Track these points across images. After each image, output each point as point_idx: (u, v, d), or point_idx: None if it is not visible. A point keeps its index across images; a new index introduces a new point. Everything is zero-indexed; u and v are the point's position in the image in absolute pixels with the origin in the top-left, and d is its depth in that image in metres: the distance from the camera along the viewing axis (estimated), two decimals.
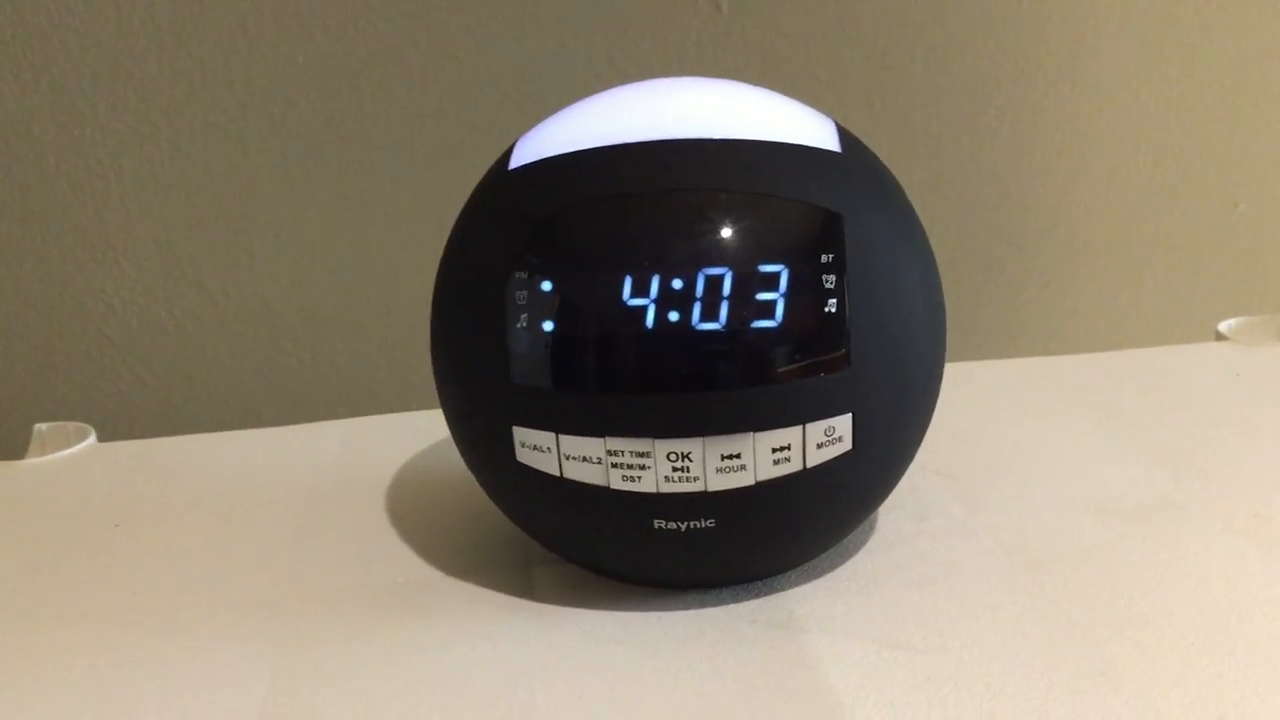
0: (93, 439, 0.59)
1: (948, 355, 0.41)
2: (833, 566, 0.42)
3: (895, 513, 0.46)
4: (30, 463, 0.57)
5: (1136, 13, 0.71)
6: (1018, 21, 0.71)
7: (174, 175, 0.67)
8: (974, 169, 0.73)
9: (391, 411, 0.61)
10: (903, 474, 0.41)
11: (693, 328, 0.35)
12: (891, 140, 0.72)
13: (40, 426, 0.59)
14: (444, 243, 0.41)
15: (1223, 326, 0.64)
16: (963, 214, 0.74)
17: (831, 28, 0.69)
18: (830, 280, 0.36)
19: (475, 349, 0.38)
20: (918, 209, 0.41)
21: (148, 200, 0.68)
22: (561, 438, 0.36)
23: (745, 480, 0.36)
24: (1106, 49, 0.72)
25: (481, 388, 0.38)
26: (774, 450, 0.36)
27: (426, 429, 0.57)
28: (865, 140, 0.41)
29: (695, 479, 0.36)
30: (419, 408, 0.61)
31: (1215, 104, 0.74)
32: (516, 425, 0.37)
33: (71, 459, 0.57)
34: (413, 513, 0.49)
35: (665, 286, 0.35)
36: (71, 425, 0.59)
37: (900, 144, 0.72)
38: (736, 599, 0.40)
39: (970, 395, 0.57)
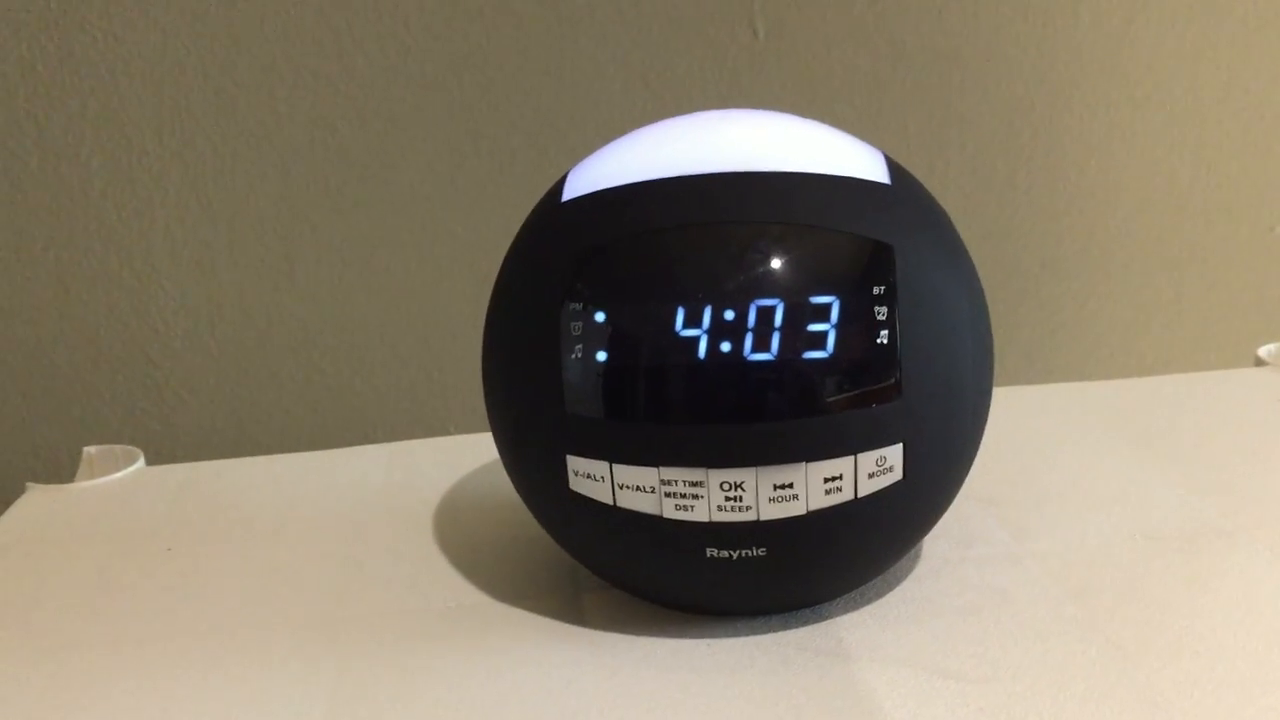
0: (141, 462, 0.59)
1: None
2: (880, 594, 0.42)
3: (941, 540, 0.46)
4: (80, 486, 0.58)
5: (1172, 36, 0.72)
6: (1054, 46, 0.71)
7: (218, 201, 0.68)
8: (1010, 193, 0.74)
9: (436, 435, 0.62)
10: (951, 502, 0.41)
11: (745, 358, 0.36)
12: (928, 164, 0.72)
13: (89, 450, 0.60)
14: (488, 266, 0.42)
15: (1262, 351, 0.64)
16: (1000, 238, 0.75)
17: (865, 52, 0.70)
18: (881, 311, 0.36)
19: (529, 378, 0.38)
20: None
21: (192, 225, 0.69)
22: (615, 467, 0.37)
23: (797, 510, 0.37)
24: (1142, 74, 0.72)
25: (535, 417, 0.38)
26: (826, 480, 0.36)
27: (472, 452, 0.58)
28: (903, 164, 0.42)
29: (748, 508, 0.36)
30: (463, 431, 0.62)
31: (1251, 126, 0.74)
32: (570, 454, 0.38)
33: (121, 482, 0.58)
34: (460, 537, 0.49)
35: (718, 317, 0.36)
36: (120, 449, 0.60)
37: (937, 169, 0.72)
38: (786, 626, 0.40)
39: (1011, 421, 0.57)
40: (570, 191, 0.40)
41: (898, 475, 0.37)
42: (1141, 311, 0.77)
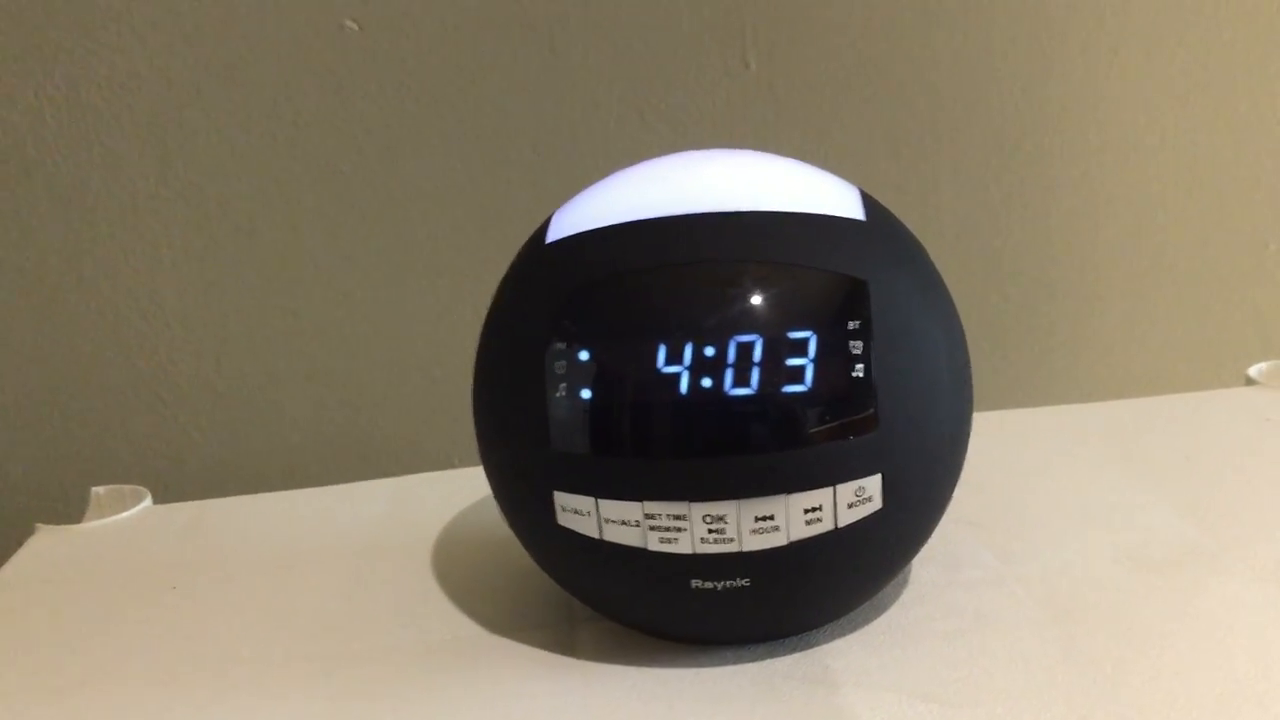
0: (148, 501, 0.60)
1: (976, 404, 0.42)
2: (867, 620, 0.43)
3: (928, 564, 0.47)
4: (88, 526, 0.59)
5: (1162, 56, 0.72)
6: (1043, 70, 0.72)
7: (222, 240, 0.70)
8: (1003, 214, 0.75)
9: (437, 469, 0.63)
10: (932, 530, 0.42)
11: (725, 393, 0.36)
12: (919, 190, 0.73)
13: (97, 490, 0.61)
14: (485, 302, 0.43)
15: (1253, 371, 0.65)
16: (990, 261, 0.75)
17: (856, 82, 0.71)
18: (857, 346, 0.37)
19: (516, 416, 0.39)
20: (946, 255, 0.42)
21: (197, 265, 0.70)
22: (601, 502, 0.38)
23: (779, 540, 0.37)
24: (1132, 94, 0.73)
25: (523, 454, 0.39)
26: (806, 511, 0.37)
27: (471, 486, 0.58)
28: (891, 190, 0.43)
29: (730, 540, 0.37)
30: (463, 464, 0.63)
31: (1243, 146, 0.75)
32: (557, 490, 0.39)
33: (128, 521, 0.59)
34: (458, 570, 0.50)
35: (698, 354, 0.37)
36: (128, 488, 0.61)
37: (929, 193, 0.73)
38: (773, 654, 0.41)
39: (999, 443, 0.58)
40: (554, 233, 0.41)
41: (877, 505, 0.38)
42: (1133, 332, 0.78)
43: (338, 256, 0.71)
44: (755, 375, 0.36)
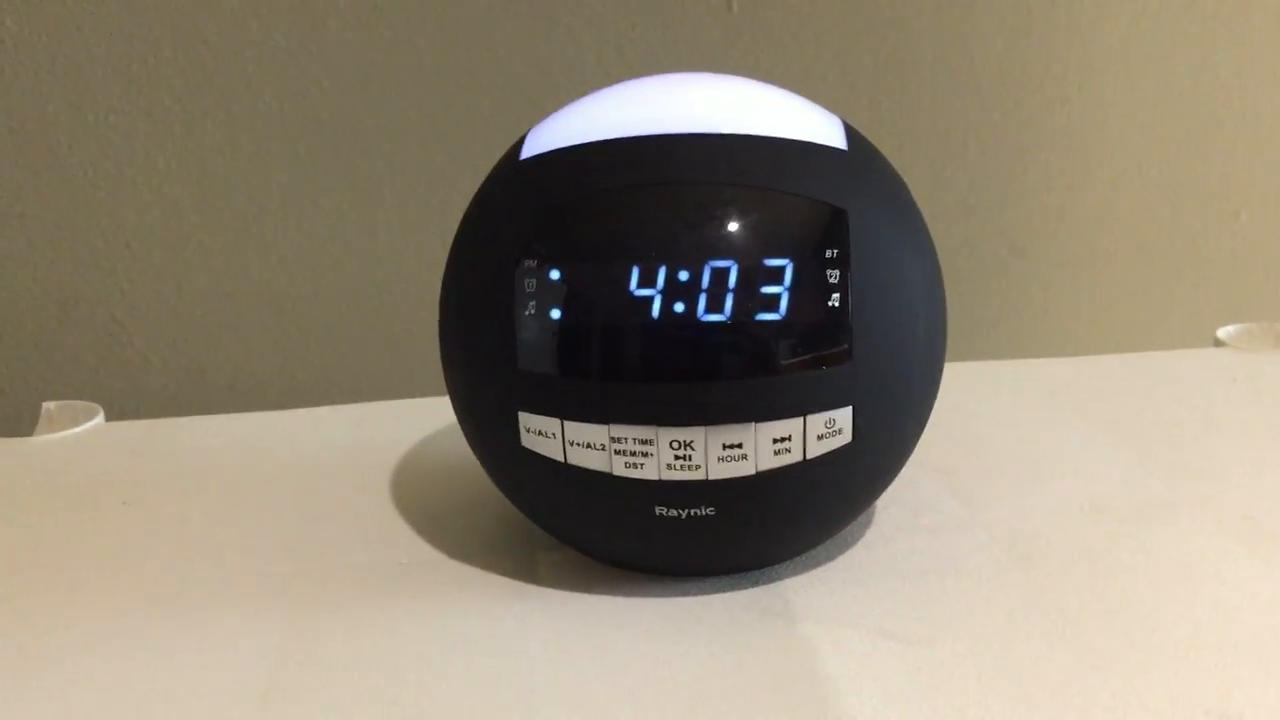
0: (100, 418, 0.59)
1: (948, 355, 0.42)
2: (830, 558, 0.43)
3: (893, 507, 0.46)
4: (39, 439, 0.58)
5: (1144, 21, 0.72)
6: (1025, 28, 0.71)
7: (184, 161, 0.68)
8: (979, 172, 0.74)
9: (397, 398, 0.62)
10: (901, 468, 0.42)
11: (698, 319, 0.36)
12: (897, 141, 0.73)
13: (49, 405, 0.60)
14: (449, 230, 0.42)
15: (1221, 333, 0.65)
16: (965, 216, 0.75)
17: (839, 29, 0.70)
18: (834, 275, 0.36)
19: (483, 335, 0.38)
20: (921, 210, 0.41)
21: (158, 186, 0.68)
22: (566, 424, 0.37)
23: (746, 470, 0.37)
24: (1112, 57, 0.73)
25: (488, 373, 0.38)
26: (775, 441, 0.37)
27: (431, 415, 0.58)
28: (870, 139, 0.42)
29: (697, 467, 0.37)
30: (424, 395, 0.62)
31: (1219, 113, 0.75)
32: (522, 411, 0.38)
33: (80, 437, 0.58)
34: (417, 497, 0.50)
35: (671, 278, 0.36)
36: (80, 404, 0.60)
37: (906, 145, 0.73)
38: (735, 587, 0.41)
39: (970, 395, 0.58)
40: (529, 150, 0.40)
41: (847, 438, 0.37)
42: (1106, 291, 0.78)
43: (301, 179, 0.69)
44: (729, 301, 0.36)
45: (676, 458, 0.37)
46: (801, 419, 0.37)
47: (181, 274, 0.70)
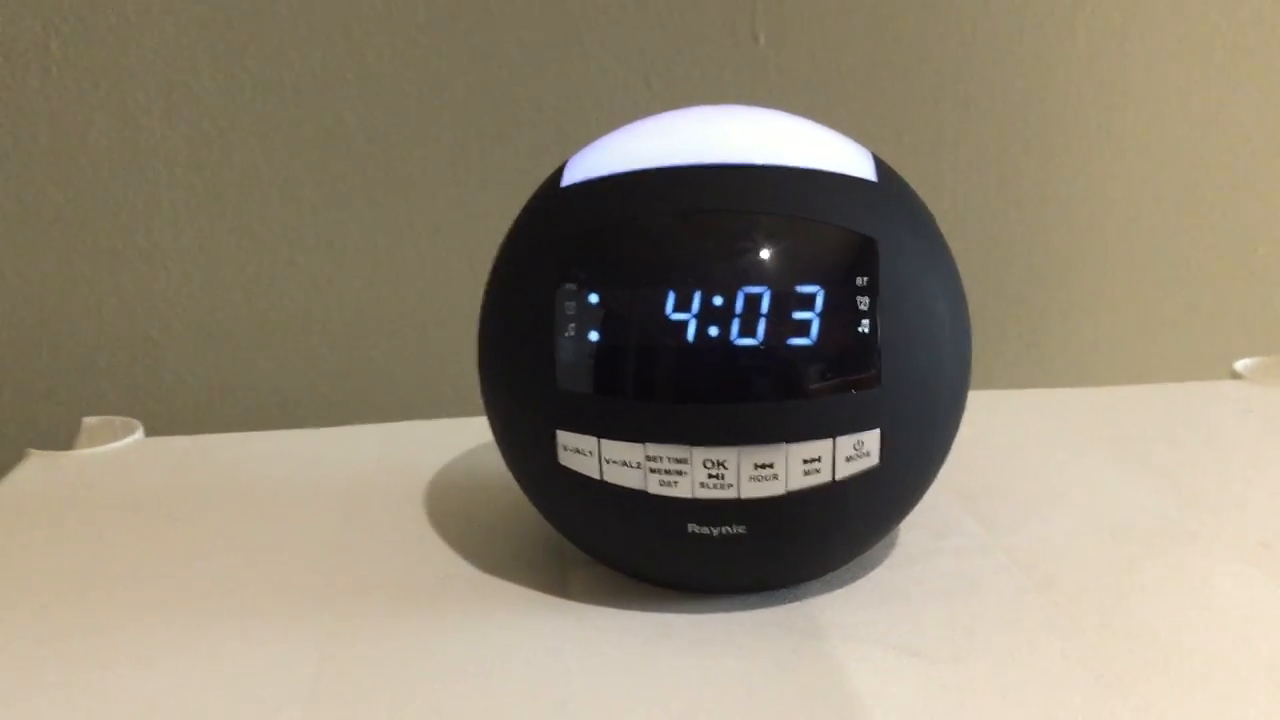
0: (140, 433, 0.61)
1: (971, 384, 0.43)
2: (855, 578, 0.44)
3: (916, 530, 0.47)
4: (79, 454, 0.59)
5: (1164, 56, 0.73)
6: (1048, 62, 0.73)
7: (221, 183, 0.70)
8: (1000, 202, 0.75)
9: (426, 418, 0.63)
10: (925, 490, 0.43)
11: (731, 343, 0.37)
12: (920, 171, 0.74)
13: (89, 420, 0.61)
14: (483, 254, 0.43)
15: (1238, 365, 0.66)
16: (988, 247, 0.76)
17: (863, 61, 0.72)
18: (864, 302, 0.37)
19: (524, 355, 0.40)
20: (945, 236, 0.43)
21: (195, 206, 0.70)
22: (603, 442, 0.38)
23: (776, 489, 0.38)
24: (1133, 93, 0.74)
25: (528, 392, 0.40)
26: (805, 461, 0.38)
27: (462, 435, 0.59)
28: (894, 168, 0.43)
29: (729, 486, 0.38)
30: (452, 415, 0.63)
31: (1239, 148, 0.76)
32: (560, 429, 0.39)
33: (119, 451, 0.59)
34: (449, 514, 0.51)
35: (706, 302, 0.37)
36: (119, 420, 0.61)
37: (929, 175, 0.74)
38: (764, 605, 0.42)
39: (991, 422, 0.59)
40: (569, 178, 0.41)
41: (874, 460, 0.38)
42: (1125, 323, 0.79)
43: (336, 202, 0.71)
44: (762, 326, 0.37)
45: (710, 476, 0.38)
46: (831, 441, 0.38)
47: (215, 294, 0.72)
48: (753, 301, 0.37)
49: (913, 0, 0.71)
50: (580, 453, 0.39)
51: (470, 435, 0.59)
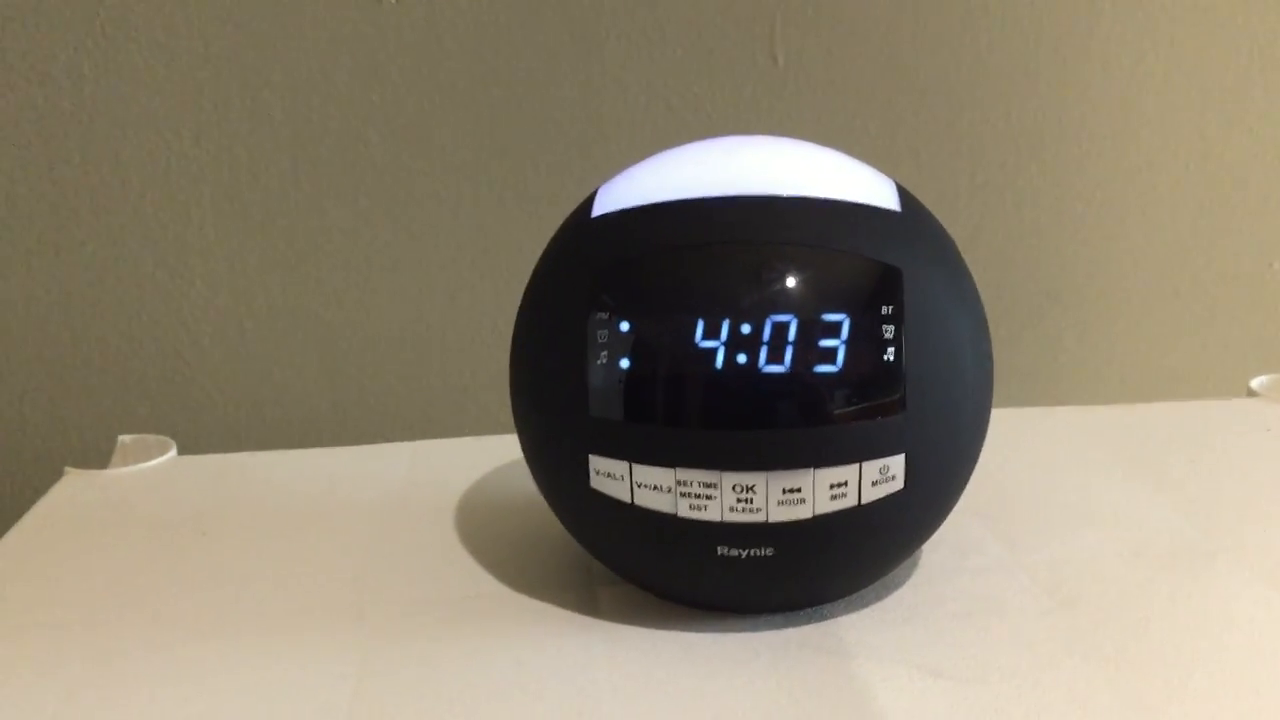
0: (174, 452, 0.62)
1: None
2: (879, 598, 0.45)
3: (939, 550, 0.48)
4: (114, 472, 0.60)
5: (1179, 74, 0.74)
6: (1062, 80, 0.73)
7: (251, 204, 0.71)
8: (1016, 221, 0.76)
9: (454, 435, 0.64)
10: (949, 512, 0.44)
11: (759, 370, 0.38)
12: (937, 189, 0.75)
13: (124, 438, 0.62)
14: (509, 276, 0.44)
15: (1255, 383, 0.67)
16: (1006, 267, 0.77)
17: (880, 82, 0.72)
18: (889, 330, 0.38)
19: (556, 382, 0.41)
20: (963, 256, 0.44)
21: (225, 227, 0.71)
22: (634, 467, 0.39)
23: (804, 513, 0.39)
24: (1147, 110, 0.75)
25: (561, 418, 0.41)
26: (832, 486, 0.39)
27: (491, 453, 0.60)
28: (910, 188, 0.44)
29: (758, 510, 0.39)
30: (479, 433, 0.64)
31: (1253, 165, 0.77)
32: (592, 454, 0.40)
33: (155, 470, 0.60)
34: (478, 532, 0.52)
35: (735, 330, 0.38)
36: (153, 438, 0.62)
37: (945, 193, 0.75)
38: (790, 624, 0.43)
39: (1010, 441, 0.59)
40: (599, 208, 0.42)
41: (900, 484, 0.39)
42: (1141, 341, 0.80)
43: (364, 225, 0.72)
44: (789, 354, 0.38)
45: (739, 500, 0.39)
46: (857, 466, 0.39)
47: (245, 313, 0.73)
48: (780, 330, 0.38)
49: (929, 21, 0.72)
50: (612, 477, 0.40)
51: (499, 453, 0.60)
